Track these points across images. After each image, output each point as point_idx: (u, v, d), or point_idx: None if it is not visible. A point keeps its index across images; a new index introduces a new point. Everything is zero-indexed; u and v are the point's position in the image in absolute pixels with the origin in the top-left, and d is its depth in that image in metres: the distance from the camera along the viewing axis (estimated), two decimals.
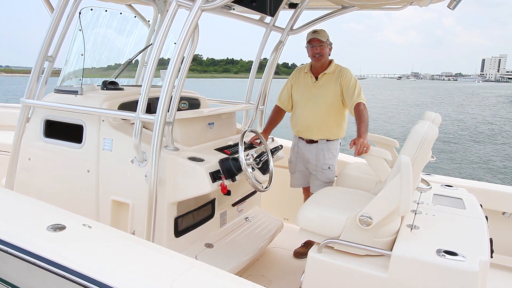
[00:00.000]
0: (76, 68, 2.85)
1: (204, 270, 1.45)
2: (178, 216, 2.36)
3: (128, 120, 2.44)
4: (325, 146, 2.95)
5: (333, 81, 2.89)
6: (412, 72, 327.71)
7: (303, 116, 2.97)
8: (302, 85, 3.02)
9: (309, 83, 2.98)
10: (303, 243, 3.12)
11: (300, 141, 3.06)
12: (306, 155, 3.01)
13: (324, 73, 2.92)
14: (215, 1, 2.01)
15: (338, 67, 2.95)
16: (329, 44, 2.93)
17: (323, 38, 2.88)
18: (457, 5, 2.49)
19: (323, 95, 2.90)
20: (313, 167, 2.99)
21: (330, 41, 2.94)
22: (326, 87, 2.90)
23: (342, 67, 2.95)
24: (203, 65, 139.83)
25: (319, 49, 2.88)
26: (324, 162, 2.95)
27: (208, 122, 2.75)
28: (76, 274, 1.39)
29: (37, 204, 1.97)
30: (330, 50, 2.95)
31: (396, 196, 1.87)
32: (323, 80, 2.93)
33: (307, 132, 2.97)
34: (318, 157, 2.95)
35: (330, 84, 2.89)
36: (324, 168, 2.95)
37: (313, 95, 2.93)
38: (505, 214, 3.07)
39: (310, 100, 2.94)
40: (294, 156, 3.13)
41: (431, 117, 2.38)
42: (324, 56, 2.91)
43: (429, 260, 1.75)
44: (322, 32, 2.93)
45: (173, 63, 2.01)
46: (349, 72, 2.91)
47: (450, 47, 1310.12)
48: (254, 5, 2.80)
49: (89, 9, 2.82)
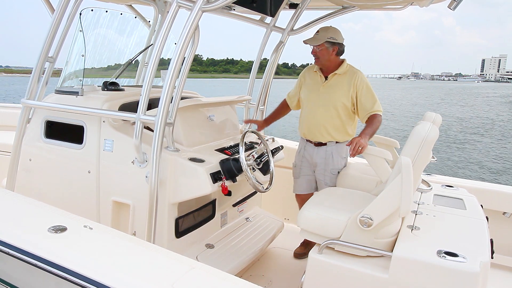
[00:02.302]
0: (77, 68, 2.86)
1: (204, 272, 1.45)
2: (179, 217, 2.36)
3: (129, 120, 2.44)
4: (334, 149, 2.83)
5: (344, 82, 2.77)
6: (412, 72, 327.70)
7: (311, 116, 2.85)
8: (311, 84, 2.91)
9: (318, 82, 2.86)
10: (301, 242, 3.10)
11: (307, 144, 2.93)
12: (314, 159, 2.88)
13: (335, 73, 2.79)
14: (215, 2, 2.01)
15: (350, 68, 2.82)
16: (331, 45, 2.74)
17: (315, 42, 2.74)
18: (457, 5, 2.49)
19: (332, 95, 2.78)
20: (321, 171, 2.87)
21: (334, 40, 2.74)
22: (336, 88, 2.78)
23: (355, 69, 2.82)
24: (203, 65, 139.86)
25: (314, 52, 2.79)
26: (334, 167, 2.84)
27: (209, 115, 2.75)
28: (77, 276, 1.40)
29: (38, 205, 1.97)
30: (334, 51, 2.76)
31: (397, 197, 1.87)
32: (333, 80, 2.80)
33: (315, 134, 2.85)
34: (327, 160, 2.83)
35: (341, 85, 2.77)
36: (333, 173, 2.84)
37: (321, 95, 2.81)
38: (505, 214, 3.08)
39: (319, 100, 2.82)
40: (299, 160, 3.00)
41: (432, 118, 2.38)
42: (320, 58, 2.78)
43: (430, 261, 1.75)
44: (322, 32, 2.78)
45: (174, 64, 2.01)
46: (362, 76, 2.78)
47: (450, 47, 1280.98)
48: (255, 5, 2.81)
49: (90, 9, 2.82)
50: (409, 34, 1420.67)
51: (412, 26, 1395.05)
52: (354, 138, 2.54)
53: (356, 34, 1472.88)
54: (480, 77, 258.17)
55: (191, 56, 2.12)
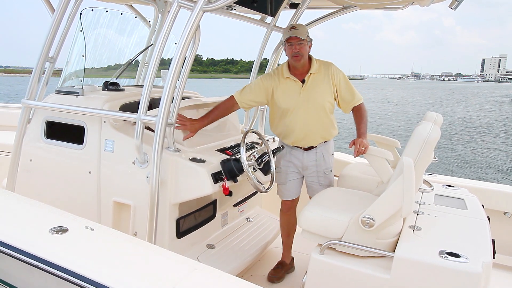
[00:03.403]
0: (77, 68, 2.85)
1: (206, 273, 1.45)
2: (180, 217, 2.36)
3: (130, 121, 2.44)
4: (324, 149, 2.77)
5: (321, 79, 2.64)
6: (412, 72, 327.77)
7: (299, 123, 2.65)
8: (287, 91, 2.65)
9: (295, 88, 2.63)
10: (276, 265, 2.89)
11: (294, 149, 2.76)
12: (305, 163, 2.76)
13: (310, 73, 2.63)
14: (216, 2, 2.00)
15: (320, 63, 2.67)
16: (309, 41, 2.61)
17: (302, 35, 2.53)
18: (458, 5, 2.49)
19: (315, 97, 2.63)
20: (314, 173, 2.78)
21: (310, 37, 2.63)
22: (316, 88, 2.64)
23: (325, 62, 2.69)
24: (203, 65, 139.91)
25: (298, 48, 2.54)
26: (326, 167, 2.77)
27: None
28: (79, 277, 1.39)
29: (39, 206, 1.97)
30: (310, 48, 2.63)
31: (398, 197, 1.86)
32: (311, 81, 2.63)
33: (306, 140, 2.71)
34: (319, 162, 2.75)
35: (321, 83, 2.64)
36: (327, 173, 2.79)
37: (304, 100, 2.62)
38: (506, 214, 3.07)
39: (302, 105, 2.62)
40: (285, 166, 2.80)
41: (433, 118, 2.38)
42: (304, 55, 2.58)
43: (432, 261, 1.75)
44: (301, 28, 2.60)
45: (175, 64, 2.01)
46: (336, 67, 2.67)
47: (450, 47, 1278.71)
48: (255, 5, 2.80)
49: (90, 9, 2.82)
50: (409, 34, 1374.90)
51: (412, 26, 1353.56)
52: (355, 139, 2.55)
53: (356, 34, 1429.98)
54: (480, 77, 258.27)
55: (192, 56, 2.12)
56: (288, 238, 2.92)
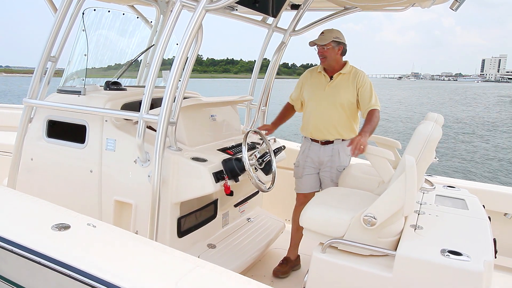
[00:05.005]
0: (79, 68, 2.86)
1: (209, 270, 1.45)
2: (181, 217, 2.36)
3: (131, 120, 2.44)
4: (340, 147, 2.86)
5: (349, 81, 2.83)
6: (412, 72, 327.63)
7: (317, 115, 2.87)
8: (315, 84, 2.93)
9: (322, 82, 2.89)
10: (281, 260, 2.97)
11: (313, 144, 2.92)
12: (321, 157, 2.88)
13: (340, 72, 2.85)
14: (219, 2, 2.01)
15: (353, 68, 2.89)
16: (337, 45, 2.81)
17: (322, 42, 2.79)
18: (459, 6, 2.49)
19: (338, 94, 2.82)
20: (328, 169, 2.88)
21: (339, 40, 2.81)
22: (342, 87, 2.83)
23: (358, 69, 2.89)
24: (203, 65, 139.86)
25: (321, 51, 2.83)
26: (340, 164, 2.86)
27: (211, 114, 2.76)
28: (82, 273, 1.40)
29: (41, 203, 1.97)
30: (339, 51, 2.84)
31: (400, 196, 1.87)
32: (338, 80, 2.85)
33: (323, 133, 2.86)
34: (334, 158, 2.86)
35: (346, 84, 2.83)
36: (340, 170, 2.87)
37: (327, 94, 2.84)
38: (507, 215, 3.07)
39: (324, 99, 2.85)
40: (303, 160, 2.96)
41: (434, 118, 2.38)
42: (327, 58, 2.82)
43: (434, 260, 1.75)
44: (327, 33, 2.82)
45: (177, 64, 2.01)
46: (365, 75, 2.86)
47: (450, 47, 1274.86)
48: (257, 6, 2.81)
49: (92, 9, 2.82)
50: (409, 34, 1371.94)
51: (412, 27, 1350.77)
52: (354, 137, 2.54)
53: (356, 35, 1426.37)
54: (480, 77, 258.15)
55: (194, 56, 2.12)
56: (296, 233, 2.96)
